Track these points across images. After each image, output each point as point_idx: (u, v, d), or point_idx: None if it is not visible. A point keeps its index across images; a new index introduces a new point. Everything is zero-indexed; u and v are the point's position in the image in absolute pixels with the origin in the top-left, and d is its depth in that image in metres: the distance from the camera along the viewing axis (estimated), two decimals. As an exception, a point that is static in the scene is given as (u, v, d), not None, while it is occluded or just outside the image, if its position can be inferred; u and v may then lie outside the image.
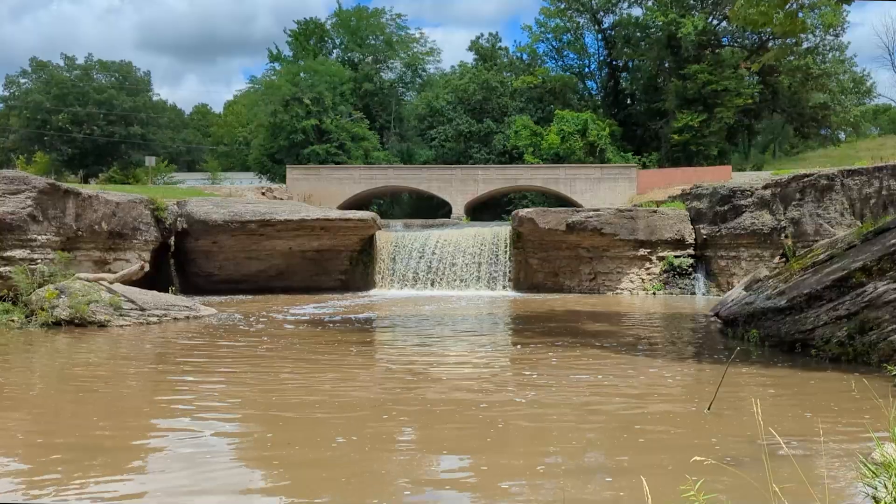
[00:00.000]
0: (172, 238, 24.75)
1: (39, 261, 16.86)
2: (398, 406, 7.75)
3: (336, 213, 26.66)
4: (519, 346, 12.56)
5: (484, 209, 47.43)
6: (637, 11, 50.81)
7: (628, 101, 54.28)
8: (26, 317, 14.95)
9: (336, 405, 7.82)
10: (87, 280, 16.08)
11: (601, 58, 55.33)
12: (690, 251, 25.29)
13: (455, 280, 26.03)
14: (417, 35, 62.05)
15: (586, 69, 57.50)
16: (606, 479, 5.43)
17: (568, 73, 56.52)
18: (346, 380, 9.40)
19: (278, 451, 6.12)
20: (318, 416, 7.40)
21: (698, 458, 4.19)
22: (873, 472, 4.45)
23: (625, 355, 11.17)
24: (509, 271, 26.37)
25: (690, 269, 24.97)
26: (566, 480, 5.34)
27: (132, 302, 15.92)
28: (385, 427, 6.88)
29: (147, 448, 6.34)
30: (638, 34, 50.19)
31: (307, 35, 59.58)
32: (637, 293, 24.93)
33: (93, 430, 6.80)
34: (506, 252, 26.55)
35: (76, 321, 14.66)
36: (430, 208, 50.07)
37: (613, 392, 8.51)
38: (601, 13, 52.64)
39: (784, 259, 16.30)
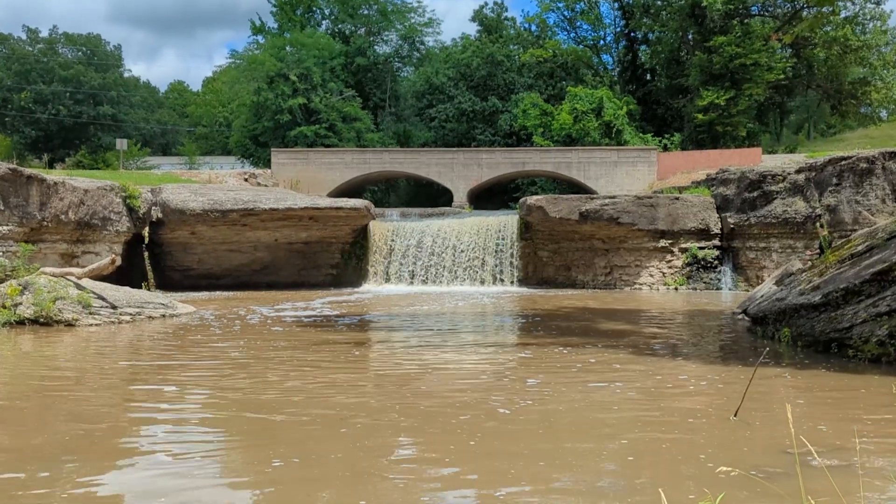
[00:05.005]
0: (146, 229, 24.82)
1: (0, 254, 16.89)
2: (392, 417, 7.77)
3: (326, 202, 26.68)
4: (527, 349, 12.57)
5: (489, 197, 47.44)
6: (658, -23, 50.73)
7: (648, 77, 54.15)
8: (-14, 315, 14.98)
9: (324, 416, 7.84)
10: (54, 275, 16.11)
11: (618, 29, 55.20)
12: (716, 242, 25.29)
13: (457, 275, 26.06)
14: (415, 4, 61.95)
15: (601, 42, 57.41)
16: (621, 492, 5.44)
17: (581, 46, 56.41)
18: (334, 388, 9.43)
19: (264, 466, 6.14)
20: (306, 427, 7.42)
21: (724, 469, 4.21)
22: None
23: (643, 356, 11.19)
24: (517, 265, 26.40)
25: (716, 262, 24.98)
26: (578, 491, 5.35)
27: (103, 299, 15.96)
28: (377, 442, 6.90)
29: (118, 465, 6.36)
30: (659, 3, 50.02)
31: (293, 5, 59.42)
32: (657, 288, 24.96)
33: (59, 446, 6.82)
34: (513, 244, 26.57)
35: (41, 320, 14.69)
36: (429, 196, 50.09)
37: (630, 396, 8.53)
38: (618, -21, 52.51)
39: (819, 251, 16.27)
